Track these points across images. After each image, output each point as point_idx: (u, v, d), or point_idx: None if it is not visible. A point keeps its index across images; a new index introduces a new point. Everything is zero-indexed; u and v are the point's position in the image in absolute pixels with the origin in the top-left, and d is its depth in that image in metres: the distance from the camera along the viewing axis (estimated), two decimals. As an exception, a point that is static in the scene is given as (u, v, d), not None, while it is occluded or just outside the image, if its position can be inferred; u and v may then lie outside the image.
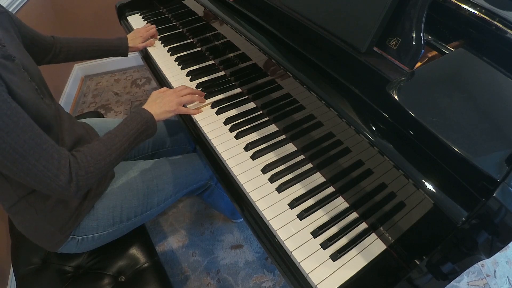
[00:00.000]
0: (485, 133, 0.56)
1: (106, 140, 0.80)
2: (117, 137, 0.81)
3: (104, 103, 2.28)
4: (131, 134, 0.83)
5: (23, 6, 1.74)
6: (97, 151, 0.76)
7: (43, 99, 0.80)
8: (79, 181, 0.71)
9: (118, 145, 0.80)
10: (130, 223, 0.96)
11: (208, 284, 1.36)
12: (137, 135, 0.85)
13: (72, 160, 0.71)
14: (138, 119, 0.86)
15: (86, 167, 0.73)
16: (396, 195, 0.66)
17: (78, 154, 0.74)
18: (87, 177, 0.73)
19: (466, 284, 1.36)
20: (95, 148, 0.77)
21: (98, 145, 0.78)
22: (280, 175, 0.85)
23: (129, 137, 0.83)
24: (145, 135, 0.87)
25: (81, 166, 0.72)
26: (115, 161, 0.80)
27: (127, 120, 0.86)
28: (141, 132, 0.86)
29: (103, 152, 0.77)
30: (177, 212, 1.61)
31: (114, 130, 0.83)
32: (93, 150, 0.76)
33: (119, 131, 0.83)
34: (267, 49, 0.85)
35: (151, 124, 0.89)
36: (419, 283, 0.62)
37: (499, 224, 0.50)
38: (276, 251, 0.75)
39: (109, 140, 0.80)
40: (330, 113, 0.73)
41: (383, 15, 0.65)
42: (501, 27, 0.69)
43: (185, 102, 0.99)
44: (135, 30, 1.34)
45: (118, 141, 0.80)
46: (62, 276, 0.93)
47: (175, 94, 0.98)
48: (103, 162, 0.76)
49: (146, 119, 0.87)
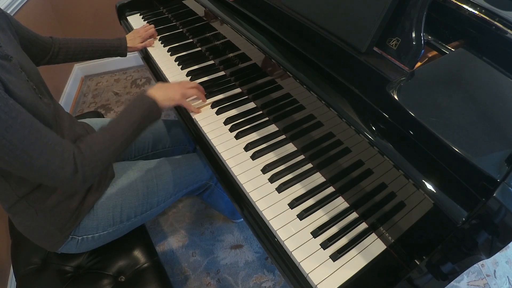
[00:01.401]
0: (485, 133, 0.56)
1: (110, 128, 0.79)
2: (120, 125, 0.80)
3: (104, 103, 2.28)
4: (135, 120, 0.82)
5: (23, 6, 1.74)
6: (101, 140, 0.76)
7: (42, 98, 0.80)
8: (85, 171, 0.71)
9: (122, 133, 0.79)
10: (130, 223, 0.96)
11: (208, 284, 1.36)
12: (141, 120, 0.83)
13: (76, 151, 0.71)
14: (141, 105, 0.85)
15: (91, 157, 0.72)
16: (396, 195, 0.66)
17: (82, 144, 0.73)
18: (92, 166, 0.72)
19: (466, 284, 1.36)
20: (99, 137, 0.76)
21: (102, 134, 0.77)
22: (280, 175, 0.85)
23: (132, 123, 0.81)
24: (149, 120, 0.86)
25: (85, 156, 0.72)
26: (120, 149, 0.79)
27: (129, 106, 0.84)
28: (145, 117, 0.84)
29: (107, 141, 0.76)
30: (177, 212, 1.61)
31: (118, 118, 0.82)
32: (97, 139, 0.76)
33: (122, 118, 0.81)
34: (267, 49, 0.85)
35: (155, 110, 0.87)
36: (419, 283, 0.62)
37: (499, 224, 0.50)
38: (276, 251, 0.75)
39: (113, 128, 0.79)
40: (330, 113, 0.73)
41: (383, 15, 0.65)
42: (501, 27, 0.68)
43: (189, 95, 1.00)
44: (134, 30, 1.34)
45: (122, 129, 0.79)
46: (62, 276, 0.93)
47: (180, 85, 0.98)
48: (108, 151, 0.76)
49: (149, 104, 0.86)
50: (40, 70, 0.88)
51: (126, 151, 1.15)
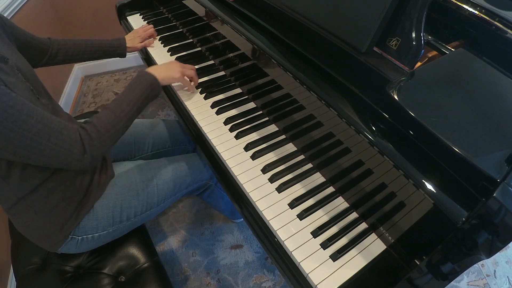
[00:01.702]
0: (485, 133, 0.56)
1: (114, 107, 0.82)
2: (124, 103, 0.84)
3: (104, 103, 2.28)
4: (138, 98, 0.86)
5: (23, 6, 1.74)
6: (107, 119, 0.79)
7: (39, 99, 0.81)
8: (92, 151, 0.75)
9: (127, 111, 0.83)
10: (129, 223, 0.96)
11: (208, 284, 1.36)
12: (144, 98, 0.88)
13: (82, 132, 0.74)
14: (143, 82, 0.89)
15: (98, 137, 0.76)
16: (396, 195, 0.66)
17: (88, 126, 0.76)
18: (100, 146, 0.76)
19: (466, 284, 1.36)
20: (104, 117, 0.79)
21: (107, 114, 0.80)
22: (280, 175, 0.85)
23: (136, 101, 0.85)
24: (150, 97, 0.90)
25: (92, 137, 0.75)
26: (125, 126, 0.83)
27: (131, 85, 0.88)
28: (147, 94, 0.89)
29: (113, 120, 0.80)
30: (177, 212, 1.61)
31: (121, 96, 0.85)
32: (103, 119, 0.79)
33: (126, 96, 0.85)
34: (267, 49, 0.85)
35: (156, 86, 0.92)
36: (419, 283, 0.62)
37: (499, 224, 0.50)
38: (276, 251, 0.75)
39: (117, 107, 0.82)
40: (330, 113, 0.73)
41: (383, 15, 0.65)
42: (501, 27, 0.68)
43: (187, 75, 1.05)
44: (133, 31, 1.34)
45: (126, 107, 0.83)
46: (62, 276, 0.93)
47: (179, 64, 1.04)
48: (114, 130, 0.79)
49: (150, 81, 0.90)
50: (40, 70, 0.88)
51: (126, 151, 1.15)
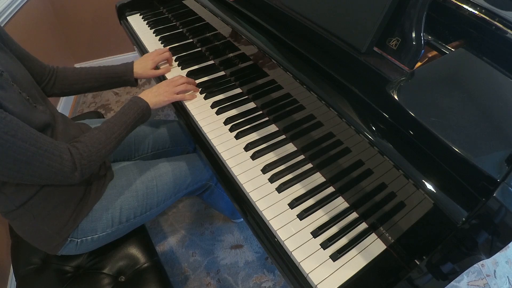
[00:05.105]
0: (485, 133, 0.56)
1: (106, 129, 0.85)
2: (116, 126, 0.87)
3: (104, 103, 2.28)
4: (129, 122, 0.90)
5: (23, 6, 1.74)
6: (97, 140, 0.82)
7: (36, 107, 0.81)
8: (82, 169, 0.77)
9: (117, 134, 0.86)
10: (129, 224, 0.96)
11: (208, 284, 1.36)
12: (134, 123, 0.91)
13: (73, 151, 0.76)
14: (135, 108, 0.92)
15: (88, 156, 0.78)
16: (396, 195, 0.66)
17: (79, 144, 0.79)
18: (89, 165, 0.79)
19: (466, 284, 1.36)
20: (95, 137, 0.82)
21: (98, 135, 0.83)
22: (280, 175, 0.85)
23: (126, 125, 0.89)
24: (140, 122, 0.95)
25: (83, 156, 0.77)
26: (113, 148, 0.86)
27: (124, 109, 0.91)
28: (138, 120, 0.93)
29: (103, 141, 0.83)
30: (177, 212, 1.61)
31: (113, 119, 0.88)
32: (94, 139, 0.81)
33: (117, 120, 0.88)
34: (267, 49, 0.85)
35: (147, 112, 0.96)
36: (419, 283, 0.62)
37: (499, 224, 0.50)
38: (276, 251, 0.75)
39: (109, 129, 0.85)
40: (330, 113, 0.73)
41: (383, 15, 0.65)
42: (501, 27, 0.68)
43: (180, 91, 1.05)
44: (145, 55, 1.17)
45: (117, 130, 0.86)
46: (62, 276, 0.93)
47: (170, 85, 1.03)
48: (104, 150, 0.82)
49: (142, 108, 0.94)
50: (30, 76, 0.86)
51: (126, 152, 1.15)
